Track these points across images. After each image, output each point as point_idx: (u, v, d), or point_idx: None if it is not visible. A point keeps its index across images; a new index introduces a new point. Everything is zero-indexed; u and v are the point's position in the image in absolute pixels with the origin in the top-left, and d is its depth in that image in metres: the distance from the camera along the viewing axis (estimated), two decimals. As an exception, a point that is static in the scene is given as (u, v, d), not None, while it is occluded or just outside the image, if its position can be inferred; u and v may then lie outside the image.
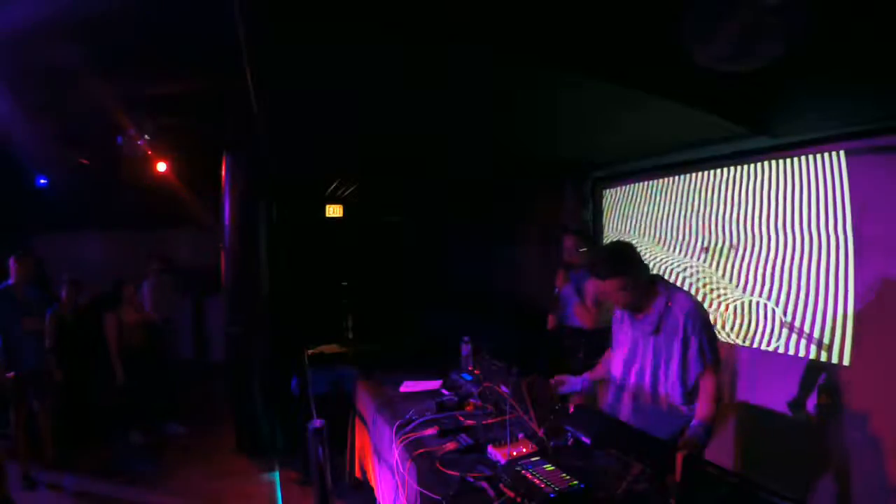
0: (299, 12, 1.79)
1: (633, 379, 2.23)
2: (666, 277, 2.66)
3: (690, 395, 2.06)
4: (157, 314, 5.12)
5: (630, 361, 2.24)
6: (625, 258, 2.13)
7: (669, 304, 2.09)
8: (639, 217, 4.31)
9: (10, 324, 3.79)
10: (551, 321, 3.72)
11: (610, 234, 4.66)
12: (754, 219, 3.30)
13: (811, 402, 2.92)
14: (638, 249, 2.19)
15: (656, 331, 2.11)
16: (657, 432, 1.95)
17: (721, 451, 3.17)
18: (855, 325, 2.74)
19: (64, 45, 2.58)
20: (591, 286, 3.30)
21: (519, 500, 1.56)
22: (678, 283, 3.56)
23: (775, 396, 3.09)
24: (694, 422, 2.01)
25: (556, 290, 3.60)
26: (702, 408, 2.02)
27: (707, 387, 2.02)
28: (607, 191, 4.71)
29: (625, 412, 2.27)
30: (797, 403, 2.98)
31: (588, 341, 3.31)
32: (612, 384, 2.35)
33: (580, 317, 3.43)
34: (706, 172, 3.67)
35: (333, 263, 5.95)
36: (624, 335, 2.30)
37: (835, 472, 2.78)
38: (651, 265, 3.94)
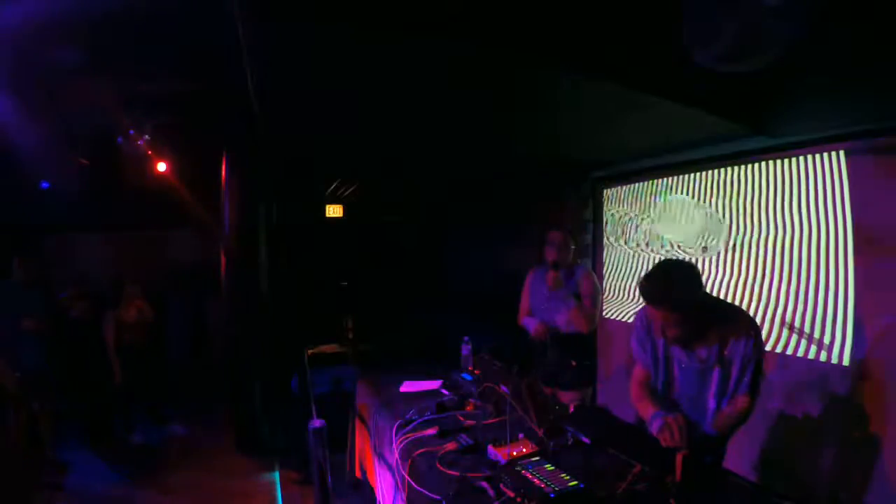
0: (299, 12, 1.79)
1: (680, 402, 2.09)
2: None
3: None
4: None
5: (671, 381, 2.12)
6: (696, 286, 1.89)
7: (725, 330, 1.93)
8: (638, 217, 4.30)
9: (11, 324, 3.78)
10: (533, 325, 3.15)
11: (610, 234, 4.65)
12: (754, 219, 3.30)
13: (811, 403, 2.92)
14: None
15: (708, 359, 1.96)
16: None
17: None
18: (855, 326, 2.74)
19: (62, 44, 2.57)
20: (588, 286, 3.06)
21: (519, 500, 1.55)
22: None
23: (775, 397, 3.09)
24: (709, 428, 1.98)
25: (547, 290, 3.12)
26: (723, 417, 1.97)
27: (738, 405, 1.95)
28: (607, 191, 4.71)
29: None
30: (797, 404, 2.98)
31: (579, 348, 3.06)
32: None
33: (578, 321, 3.03)
34: (706, 172, 3.66)
35: (333, 263, 5.95)
36: (657, 350, 2.13)
37: (835, 472, 2.78)
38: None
